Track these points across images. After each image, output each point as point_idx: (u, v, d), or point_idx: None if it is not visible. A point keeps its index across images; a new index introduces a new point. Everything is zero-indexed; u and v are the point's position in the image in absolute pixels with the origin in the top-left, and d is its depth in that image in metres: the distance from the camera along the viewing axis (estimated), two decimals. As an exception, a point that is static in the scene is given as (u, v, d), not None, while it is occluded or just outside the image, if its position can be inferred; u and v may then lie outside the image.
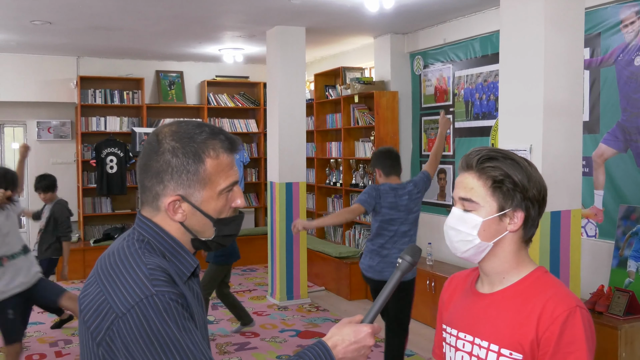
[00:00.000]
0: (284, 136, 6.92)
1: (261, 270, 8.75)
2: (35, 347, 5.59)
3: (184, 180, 1.38)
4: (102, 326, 1.31)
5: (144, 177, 1.42)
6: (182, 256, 1.42)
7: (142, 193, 1.45)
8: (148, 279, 1.31)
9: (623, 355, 4.03)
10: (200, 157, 1.39)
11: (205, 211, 1.41)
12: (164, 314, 1.29)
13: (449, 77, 6.79)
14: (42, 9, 6.04)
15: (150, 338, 1.27)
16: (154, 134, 1.44)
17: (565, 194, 4.01)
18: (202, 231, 1.44)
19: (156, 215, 1.43)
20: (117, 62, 9.17)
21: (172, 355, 1.28)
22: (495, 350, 1.51)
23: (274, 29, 6.95)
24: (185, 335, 1.30)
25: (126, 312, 1.28)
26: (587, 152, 4.98)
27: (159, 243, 1.41)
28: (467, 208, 1.54)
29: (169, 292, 1.31)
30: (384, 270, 4.20)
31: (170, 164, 1.38)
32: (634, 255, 4.48)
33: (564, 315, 1.43)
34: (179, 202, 1.40)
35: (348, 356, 1.44)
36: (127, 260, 1.36)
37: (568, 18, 4.05)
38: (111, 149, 8.77)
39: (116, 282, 1.33)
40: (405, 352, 5.32)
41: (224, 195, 1.43)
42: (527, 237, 1.56)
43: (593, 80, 5.03)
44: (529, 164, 1.55)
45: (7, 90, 8.63)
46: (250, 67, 9.79)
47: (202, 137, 1.40)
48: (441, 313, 1.75)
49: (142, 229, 1.42)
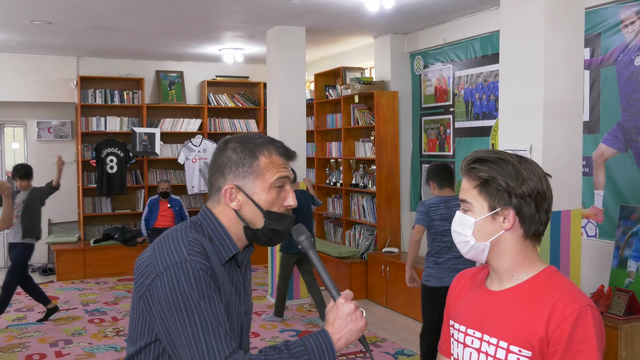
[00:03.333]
0: (284, 136, 6.92)
1: (261, 270, 8.75)
2: (35, 347, 5.59)
3: (240, 172, 1.61)
4: (145, 282, 1.53)
5: (212, 174, 1.66)
6: (226, 242, 1.62)
7: (210, 189, 1.68)
8: (186, 248, 1.53)
9: (623, 355, 4.03)
10: (256, 154, 1.62)
11: (257, 201, 1.61)
12: (192, 279, 1.48)
13: (449, 77, 6.79)
14: (42, 9, 6.04)
15: (177, 297, 1.47)
16: (223, 140, 1.69)
17: (565, 194, 4.01)
18: (254, 221, 1.63)
19: (216, 207, 1.65)
20: (117, 62, 9.17)
21: (192, 316, 1.46)
22: (504, 347, 1.51)
23: (274, 29, 6.95)
24: (207, 302, 1.48)
25: (164, 271, 1.50)
26: (587, 152, 4.97)
27: (209, 227, 1.62)
28: (465, 209, 1.59)
29: (200, 262, 1.51)
30: (442, 277, 4.34)
31: (230, 158, 1.62)
32: (634, 255, 4.48)
33: (575, 314, 1.44)
34: (235, 190, 1.61)
35: (343, 333, 1.54)
36: (178, 234, 1.59)
37: (568, 18, 4.05)
38: (111, 149, 8.77)
39: (163, 247, 1.56)
40: (405, 352, 5.33)
41: (274, 189, 1.63)
42: (530, 234, 1.55)
43: (593, 80, 5.03)
44: (523, 162, 1.56)
45: (7, 90, 8.63)
46: (250, 67, 9.79)
47: (261, 141, 1.65)
48: (449, 309, 1.75)
49: (201, 216, 1.65)
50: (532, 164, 1.57)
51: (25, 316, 6.62)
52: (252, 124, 9.74)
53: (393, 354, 5.27)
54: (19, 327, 6.19)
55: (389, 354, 5.29)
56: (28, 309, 6.90)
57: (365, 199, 7.58)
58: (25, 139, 9.16)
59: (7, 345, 5.66)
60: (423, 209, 4.40)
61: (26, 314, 6.68)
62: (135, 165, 9.13)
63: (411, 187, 7.42)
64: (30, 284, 6.37)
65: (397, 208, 7.32)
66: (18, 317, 6.60)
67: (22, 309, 6.88)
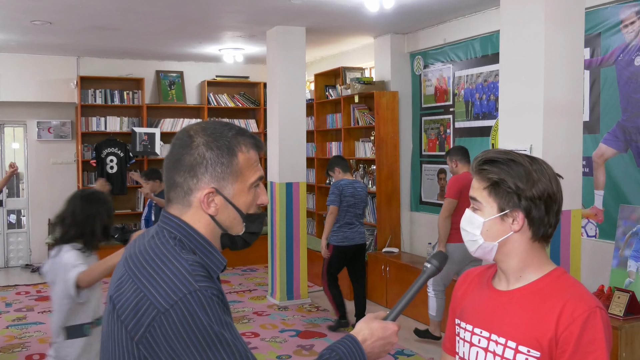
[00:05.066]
0: (284, 136, 6.92)
1: (261, 270, 8.74)
2: (35, 347, 5.59)
3: (219, 173, 1.39)
4: (142, 323, 1.28)
5: (175, 172, 1.41)
6: (213, 254, 1.41)
7: (171, 190, 1.43)
8: (191, 274, 1.30)
9: (623, 355, 4.02)
10: (234, 150, 1.41)
11: (237, 204, 1.43)
12: (208, 309, 1.28)
13: (449, 77, 6.79)
14: (42, 9, 6.04)
15: (195, 333, 1.26)
16: (183, 130, 1.45)
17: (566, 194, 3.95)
18: (232, 226, 1.45)
19: (185, 213, 1.41)
20: (117, 62, 9.17)
21: (217, 351, 1.27)
22: (512, 347, 1.51)
23: (274, 29, 6.95)
24: (227, 330, 1.30)
25: (169, 307, 1.27)
26: (587, 152, 4.97)
27: (189, 241, 1.39)
28: (474, 207, 1.58)
29: (211, 288, 1.31)
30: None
31: (205, 157, 1.39)
32: (634, 255, 4.48)
33: (584, 315, 1.44)
34: (212, 194, 1.40)
35: (375, 351, 1.50)
36: (165, 256, 1.34)
37: (568, 18, 4.05)
38: (111, 149, 8.77)
39: (155, 278, 1.31)
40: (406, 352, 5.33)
41: (252, 190, 1.45)
42: (538, 236, 1.55)
43: (593, 80, 5.02)
44: (534, 163, 1.55)
45: (7, 90, 8.63)
46: (250, 67, 9.79)
47: (233, 134, 1.43)
48: (454, 308, 1.74)
49: (171, 227, 1.41)
50: (543, 165, 1.56)
51: (25, 316, 6.62)
52: (252, 124, 9.74)
53: (393, 354, 5.27)
54: (19, 327, 6.19)
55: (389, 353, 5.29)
56: (28, 309, 6.90)
57: (365, 199, 7.58)
58: (25, 139, 9.16)
59: (7, 345, 5.66)
60: (337, 191, 5.78)
61: (26, 314, 6.68)
62: (135, 165, 9.13)
63: (411, 187, 7.42)
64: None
65: (397, 208, 7.32)
66: (18, 317, 6.60)
67: (22, 309, 6.89)
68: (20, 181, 9.37)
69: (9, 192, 9.21)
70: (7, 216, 9.22)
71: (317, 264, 7.75)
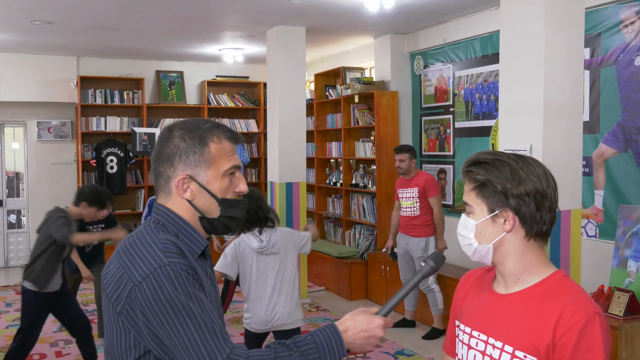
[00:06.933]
0: (284, 136, 6.92)
1: (261, 270, 8.73)
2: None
3: (192, 161, 1.55)
4: (122, 295, 1.45)
5: (158, 164, 1.59)
6: (193, 236, 1.57)
7: (156, 180, 1.61)
8: (162, 251, 1.47)
9: (623, 355, 4.03)
10: (205, 141, 1.56)
11: (211, 190, 1.56)
12: (176, 282, 1.43)
13: (449, 77, 6.79)
14: (42, 9, 6.04)
15: (164, 304, 1.41)
16: (166, 127, 1.63)
17: (566, 194, 4.01)
18: (209, 211, 1.58)
19: (169, 200, 1.58)
20: (117, 62, 9.16)
21: (183, 320, 1.41)
22: (509, 351, 1.49)
23: (274, 29, 6.95)
24: (195, 302, 1.43)
25: (142, 280, 1.43)
26: (587, 152, 4.97)
27: (171, 225, 1.56)
28: (468, 211, 1.59)
29: (180, 263, 1.46)
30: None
31: (179, 147, 1.55)
32: (634, 255, 4.48)
33: (582, 321, 1.42)
34: (187, 180, 1.55)
35: (357, 342, 1.54)
36: (144, 237, 1.52)
37: (568, 18, 4.05)
38: (111, 149, 8.77)
39: (134, 255, 1.48)
40: (405, 352, 5.34)
41: (227, 177, 1.58)
42: (532, 234, 1.53)
43: (593, 80, 5.02)
44: (521, 161, 1.54)
45: (7, 90, 8.63)
46: (250, 67, 9.79)
47: (207, 127, 1.59)
48: (455, 309, 1.74)
49: (158, 215, 1.59)
50: (532, 163, 1.55)
51: (25, 316, 6.61)
52: (252, 124, 9.74)
53: (393, 354, 5.27)
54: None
55: (388, 354, 5.29)
56: (28, 309, 6.89)
57: (365, 199, 7.57)
58: (25, 139, 9.16)
59: (7, 345, 5.66)
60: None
61: (26, 314, 6.67)
62: (135, 165, 9.13)
63: (411, 187, 7.41)
64: None
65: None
66: (18, 317, 6.59)
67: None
68: (20, 181, 9.37)
69: (9, 192, 9.22)
70: (7, 216, 9.22)
71: (317, 264, 7.75)
